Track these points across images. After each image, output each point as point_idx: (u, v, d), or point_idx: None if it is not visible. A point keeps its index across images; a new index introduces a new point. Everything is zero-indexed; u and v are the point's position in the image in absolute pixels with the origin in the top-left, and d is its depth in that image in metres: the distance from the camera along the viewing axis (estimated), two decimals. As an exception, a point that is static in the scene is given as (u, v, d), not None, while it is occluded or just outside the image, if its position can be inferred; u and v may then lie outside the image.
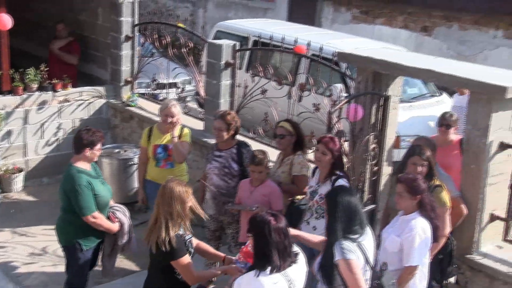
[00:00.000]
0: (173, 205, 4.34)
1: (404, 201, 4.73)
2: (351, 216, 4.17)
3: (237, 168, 6.08)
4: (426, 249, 4.71)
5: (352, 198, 4.25)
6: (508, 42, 13.65)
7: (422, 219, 4.69)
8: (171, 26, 8.78)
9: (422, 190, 4.70)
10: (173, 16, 10.05)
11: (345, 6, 16.55)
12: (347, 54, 6.29)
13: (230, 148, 6.14)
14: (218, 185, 6.09)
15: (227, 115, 6.12)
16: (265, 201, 5.62)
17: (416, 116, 9.17)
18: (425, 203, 4.71)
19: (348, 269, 4.04)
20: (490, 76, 5.18)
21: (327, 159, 5.33)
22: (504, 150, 5.22)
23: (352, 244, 4.09)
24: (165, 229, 4.31)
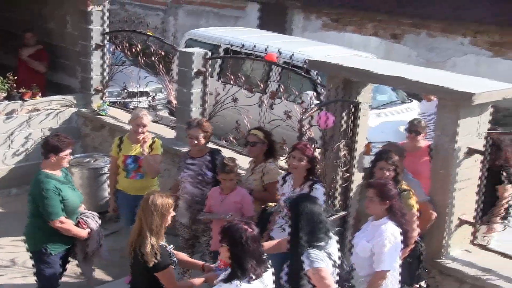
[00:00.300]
0: (158, 218, 4.36)
1: (374, 206, 4.76)
2: (315, 224, 4.20)
3: (211, 175, 6.07)
4: (397, 254, 4.75)
5: (315, 206, 4.27)
6: (474, 49, 13.89)
7: (392, 224, 4.72)
8: (141, 34, 8.75)
9: (392, 196, 4.73)
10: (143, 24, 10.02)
11: (315, 14, 16.68)
12: (318, 62, 6.34)
13: (203, 155, 6.13)
14: (193, 193, 6.07)
15: (203, 123, 6.14)
16: (237, 209, 5.62)
17: (387, 122, 9.27)
18: (394, 209, 4.74)
19: (319, 277, 4.07)
20: (457, 83, 5.26)
21: (304, 165, 5.36)
22: (471, 156, 5.30)
23: (320, 252, 4.12)
24: (150, 242, 4.31)
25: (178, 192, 6.21)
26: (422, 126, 6.53)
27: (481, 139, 5.32)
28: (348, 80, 5.94)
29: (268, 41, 9.02)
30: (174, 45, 8.58)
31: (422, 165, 6.14)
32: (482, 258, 5.34)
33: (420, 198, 5.33)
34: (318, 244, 4.15)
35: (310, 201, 4.33)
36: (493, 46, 13.63)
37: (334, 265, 4.22)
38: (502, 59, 13.47)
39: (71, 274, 6.25)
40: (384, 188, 4.74)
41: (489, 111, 5.38)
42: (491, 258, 5.34)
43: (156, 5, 20.43)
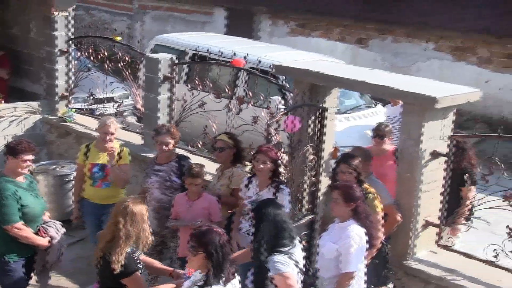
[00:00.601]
0: (131, 224, 4.33)
1: (339, 208, 4.79)
2: (279, 229, 4.21)
3: (179, 181, 6.06)
4: (362, 255, 4.80)
5: (279, 211, 4.29)
6: (438, 54, 14.12)
7: (358, 226, 4.77)
8: (107, 40, 8.69)
9: (357, 198, 4.77)
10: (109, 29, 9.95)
11: (282, 19, 16.77)
12: (284, 67, 6.38)
13: (170, 161, 6.12)
14: (160, 199, 6.05)
15: (173, 129, 6.16)
16: (205, 214, 5.62)
17: (353, 126, 9.35)
18: (359, 211, 4.78)
19: (284, 282, 4.09)
20: (421, 87, 5.35)
21: (268, 167, 5.39)
22: (436, 159, 5.39)
23: (284, 257, 4.14)
24: (119, 248, 4.29)
25: (145, 199, 6.18)
26: (388, 130, 6.61)
27: (445, 142, 5.42)
28: (315, 85, 5.99)
29: (235, 46, 9.03)
30: (141, 51, 8.54)
31: (388, 169, 6.21)
32: (446, 258, 5.43)
33: (386, 201, 5.40)
34: (283, 249, 4.17)
35: (274, 206, 4.34)
36: (456, 51, 13.88)
37: (299, 270, 4.25)
38: (465, 63, 13.72)
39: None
40: (349, 190, 4.78)
41: (453, 115, 5.48)
42: (455, 258, 5.43)
43: (122, 11, 20.31)
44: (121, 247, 4.29)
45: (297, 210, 5.85)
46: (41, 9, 8.80)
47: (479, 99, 5.61)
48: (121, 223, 4.32)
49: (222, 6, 17.80)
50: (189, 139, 7.88)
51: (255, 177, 5.56)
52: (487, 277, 5.11)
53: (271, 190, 5.42)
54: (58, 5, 8.62)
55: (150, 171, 6.18)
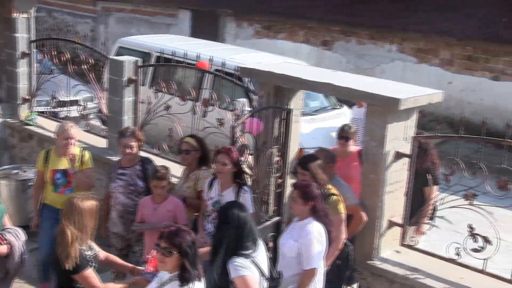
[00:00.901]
0: (81, 221, 4.36)
1: (298, 206, 4.82)
2: (242, 232, 4.21)
3: (143, 185, 6.03)
4: (323, 252, 4.82)
5: (243, 213, 4.29)
6: (402, 56, 14.31)
7: (318, 223, 4.80)
8: (70, 42, 8.59)
9: (315, 196, 4.79)
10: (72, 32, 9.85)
11: (247, 21, 16.80)
12: (249, 69, 6.40)
13: (134, 165, 6.08)
14: (125, 204, 6.01)
15: (137, 132, 6.12)
16: (171, 217, 5.61)
17: (319, 128, 9.42)
18: (318, 209, 4.81)
19: (244, 285, 4.09)
20: (385, 89, 5.42)
21: (228, 169, 5.40)
22: (399, 159, 5.46)
23: (245, 260, 4.14)
24: (71, 246, 4.32)
25: (109, 203, 6.14)
26: (352, 132, 6.67)
27: (408, 143, 5.49)
28: (280, 87, 6.02)
29: (200, 49, 9.02)
30: (105, 53, 8.46)
31: (353, 170, 6.27)
32: (410, 258, 5.51)
33: (351, 202, 5.45)
34: (244, 252, 4.17)
35: (239, 208, 4.34)
36: (418, 53, 14.09)
37: (261, 274, 4.24)
38: (427, 65, 13.93)
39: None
40: (307, 189, 4.81)
41: (415, 116, 5.56)
42: (419, 257, 5.51)
43: (85, 13, 20.09)
44: (70, 244, 4.32)
45: (263, 212, 5.87)
46: (1, 11, 8.65)
47: (441, 100, 5.71)
48: (69, 220, 4.36)
49: (187, 8, 17.75)
50: (155, 142, 7.84)
51: (217, 178, 5.56)
52: (450, 275, 5.20)
53: (233, 191, 5.44)
54: (18, 6, 8.48)
55: (114, 175, 6.13)
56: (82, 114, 8.62)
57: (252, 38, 16.61)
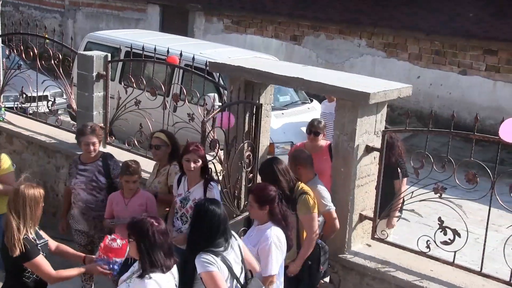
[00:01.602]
0: (26, 209, 4.37)
1: (254, 210, 4.71)
2: (214, 228, 4.17)
3: (105, 181, 6.00)
4: (282, 258, 4.70)
5: (217, 210, 4.24)
6: (371, 50, 14.41)
7: (277, 228, 4.67)
8: (38, 37, 8.47)
9: (270, 200, 4.66)
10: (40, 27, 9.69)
11: (216, 16, 16.76)
12: (219, 64, 6.39)
13: (95, 160, 6.04)
14: (87, 200, 5.97)
15: (97, 128, 6.05)
16: (143, 211, 5.56)
17: (289, 123, 9.45)
18: (275, 213, 4.67)
19: (211, 281, 4.05)
20: (355, 83, 5.45)
21: (199, 166, 5.40)
22: (370, 153, 5.51)
23: (212, 257, 4.09)
24: (17, 233, 4.33)
25: (70, 199, 6.10)
26: (322, 126, 6.71)
27: (378, 137, 5.54)
28: (250, 82, 6.02)
29: (170, 44, 8.97)
30: (73, 48, 8.36)
31: (324, 164, 6.31)
32: (381, 251, 5.56)
33: (325, 208, 5.34)
34: (215, 249, 4.12)
35: (215, 205, 4.30)
36: (387, 48, 14.21)
37: (231, 273, 4.17)
38: (396, 60, 14.07)
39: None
40: (261, 193, 4.68)
41: (385, 110, 5.61)
42: (390, 251, 5.57)
43: (53, 7, 19.84)
44: (16, 231, 4.33)
45: (234, 207, 5.87)
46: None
47: (410, 94, 5.77)
48: (14, 208, 4.37)
49: (156, 3, 17.64)
50: (125, 137, 7.79)
51: (185, 174, 5.55)
52: (420, 267, 5.26)
53: (200, 187, 5.43)
54: (-15, 1, 8.36)
55: (74, 170, 6.05)
56: (51, 110, 8.51)
57: (221, 33, 16.59)
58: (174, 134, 6.18)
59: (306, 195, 5.17)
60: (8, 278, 4.57)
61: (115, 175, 5.97)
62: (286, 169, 5.21)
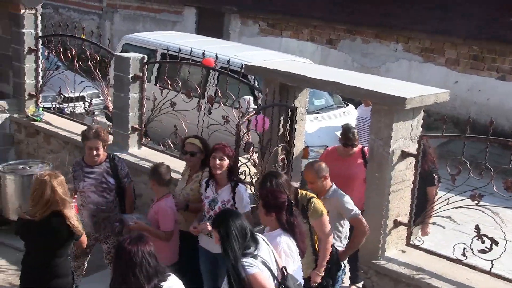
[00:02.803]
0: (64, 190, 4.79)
1: (262, 216, 4.64)
2: (243, 234, 4.15)
3: (114, 181, 6.02)
4: (294, 267, 4.55)
5: (239, 217, 4.23)
6: (407, 55, 14.28)
7: (286, 236, 4.57)
8: (76, 38, 8.59)
9: (276, 207, 4.56)
10: (78, 28, 9.83)
11: (252, 19, 16.79)
12: (255, 67, 6.39)
13: (102, 162, 6.04)
14: (98, 202, 6.00)
15: (101, 133, 6.00)
16: (155, 219, 5.59)
17: (324, 126, 9.41)
18: (281, 221, 4.56)
19: (256, 282, 4.05)
20: (391, 87, 5.40)
21: (226, 164, 5.41)
22: (405, 158, 5.44)
23: (251, 259, 4.09)
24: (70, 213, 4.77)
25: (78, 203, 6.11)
26: (356, 138, 6.59)
27: (414, 143, 5.47)
28: (285, 85, 6.01)
29: (205, 46, 9.02)
30: (110, 50, 8.46)
31: (356, 169, 6.25)
32: (416, 258, 5.48)
33: (351, 213, 5.32)
34: (248, 251, 4.12)
35: (234, 214, 4.27)
36: (424, 52, 14.06)
37: (270, 269, 4.19)
38: (433, 64, 13.91)
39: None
40: (267, 199, 4.59)
41: (421, 115, 5.55)
42: (424, 257, 5.48)
43: (91, 9, 20.12)
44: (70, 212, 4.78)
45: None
46: (8, 7, 8.66)
47: (447, 100, 5.69)
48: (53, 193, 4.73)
49: (192, 5, 17.75)
50: (160, 139, 7.84)
51: (213, 178, 5.54)
52: (456, 276, 5.17)
53: (228, 188, 5.42)
54: (25, 3, 8.49)
55: (80, 173, 6.03)
56: (87, 110, 8.63)
57: (257, 36, 16.61)
58: (206, 140, 6.14)
59: (313, 199, 5.13)
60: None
61: (123, 175, 6.03)
62: (287, 182, 5.06)
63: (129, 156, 7.38)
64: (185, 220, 5.81)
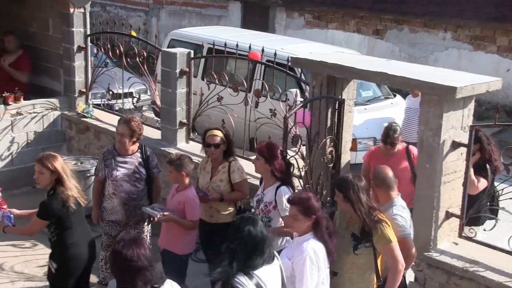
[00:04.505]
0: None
1: (299, 224, 4.40)
2: (251, 249, 3.93)
3: (145, 172, 6.15)
4: (320, 273, 4.34)
5: (254, 229, 3.98)
6: (456, 43, 13.99)
7: (315, 240, 4.35)
8: (124, 35, 8.71)
9: (317, 209, 4.39)
10: (126, 25, 9.98)
11: (297, 11, 16.72)
12: (301, 59, 6.36)
13: (135, 153, 6.16)
14: (130, 191, 6.11)
15: (131, 121, 6.06)
16: (180, 209, 5.63)
17: (372, 118, 9.31)
18: (320, 224, 4.37)
19: None
20: (440, 77, 5.29)
21: (260, 164, 5.36)
22: (456, 149, 5.34)
23: (246, 279, 3.85)
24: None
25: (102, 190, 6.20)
26: (397, 136, 6.38)
27: (466, 133, 5.36)
28: (332, 77, 5.97)
29: (251, 40, 9.02)
30: (157, 46, 8.55)
31: (400, 170, 6.04)
32: (469, 250, 5.38)
33: (402, 233, 4.82)
34: (250, 271, 3.90)
35: (249, 224, 4.01)
36: (474, 40, 13.74)
37: None
38: (483, 53, 13.59)
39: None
40: (306, 203, 4.38)
41: (473, 105, 5.43)
42: (478, 250, 5.38)
43: (138, 6, 20.37)
44: None
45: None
46: (58, 6, 8.84)
47: (499, 88, 5.55)
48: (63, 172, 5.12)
49: (237, -1, 17.79)
50: (207, 133, 7.88)
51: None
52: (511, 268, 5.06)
53: (273, 189, 5.32)
54: (74, 2, 8.65)
55: (112, 162, 6.10)
56: (136, 106, 8.75)
57: (302, 28, 16.53)
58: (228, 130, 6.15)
59: (381, 224, 4.58)
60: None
61: (153, 166, 6.15)
62: (366, 188, 4.72)
63: (177, 150, 7.45)
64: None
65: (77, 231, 5.19)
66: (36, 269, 6.75)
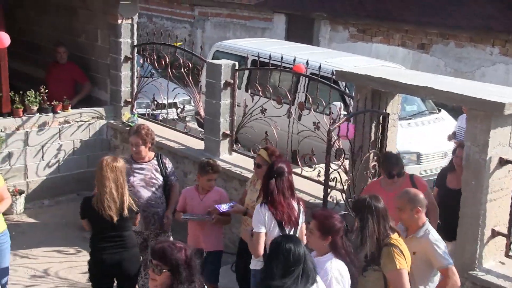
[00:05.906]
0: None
1: (314, 239, 4.21)
2: (286, 268, 3.70)
3: (161, 178, 6.25)
4: None
5: (295, 248, 3.74)
6: (504, 58, 13.76)
7: (337, 260, 4.16)
8: (169, 46, 8.82)
9: (335, 230, 4.16)
10: (171, 36, 10.10)
11: (342, 25, 16.69)
12: (346, 73, 6.34)
13: (151, 160, 6.29)
14: (148, 197, 6.19)
15: (141, 130, 6.22)
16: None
17: (416, 133, 9.21)
18: (338, 246, 4.18)
19: None
20: (487, 92, 5.21)
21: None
22: (504, 166, 5.23)
23: None
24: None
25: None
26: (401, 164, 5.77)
27: (514, 150, 5.26)
28: (376, 91, 5.93)
29: (296, 52, 9.03)
30: (202, 57, 8.63)
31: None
32: (516, 270, 5.26)
33: (444, 263, 4.59)
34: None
35: (292, 243, 3.79)
36: (523, 55, 13.51)
37: None
38: (533, 68, 13.34)
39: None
40: (326, 220, 4.17)
41: (521, 121, 5.32)
42: (525, 270, 5.26)
43: (184, 18, 20.63)
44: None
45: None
46: (107, 17, 9.03)
47: (549, 105, 5.42)
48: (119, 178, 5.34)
49: (281, 12, 17.85)
50: (250, 145, 7.92)
51: None
52: (558, 289, 4.93)
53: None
54: (122, 13, 8.82)
55: (129, 169, 6.06)
56: (180, 117, 8.83)
57: (347, 42, 16.49)
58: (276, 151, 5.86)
59: (390, 247, 4.34)
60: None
61: (170, 173, 6.29)
62: (385, 212, 4.47)
63: (220, 162, 7.48)
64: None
65: None
66: (79, 276, 6.85)
